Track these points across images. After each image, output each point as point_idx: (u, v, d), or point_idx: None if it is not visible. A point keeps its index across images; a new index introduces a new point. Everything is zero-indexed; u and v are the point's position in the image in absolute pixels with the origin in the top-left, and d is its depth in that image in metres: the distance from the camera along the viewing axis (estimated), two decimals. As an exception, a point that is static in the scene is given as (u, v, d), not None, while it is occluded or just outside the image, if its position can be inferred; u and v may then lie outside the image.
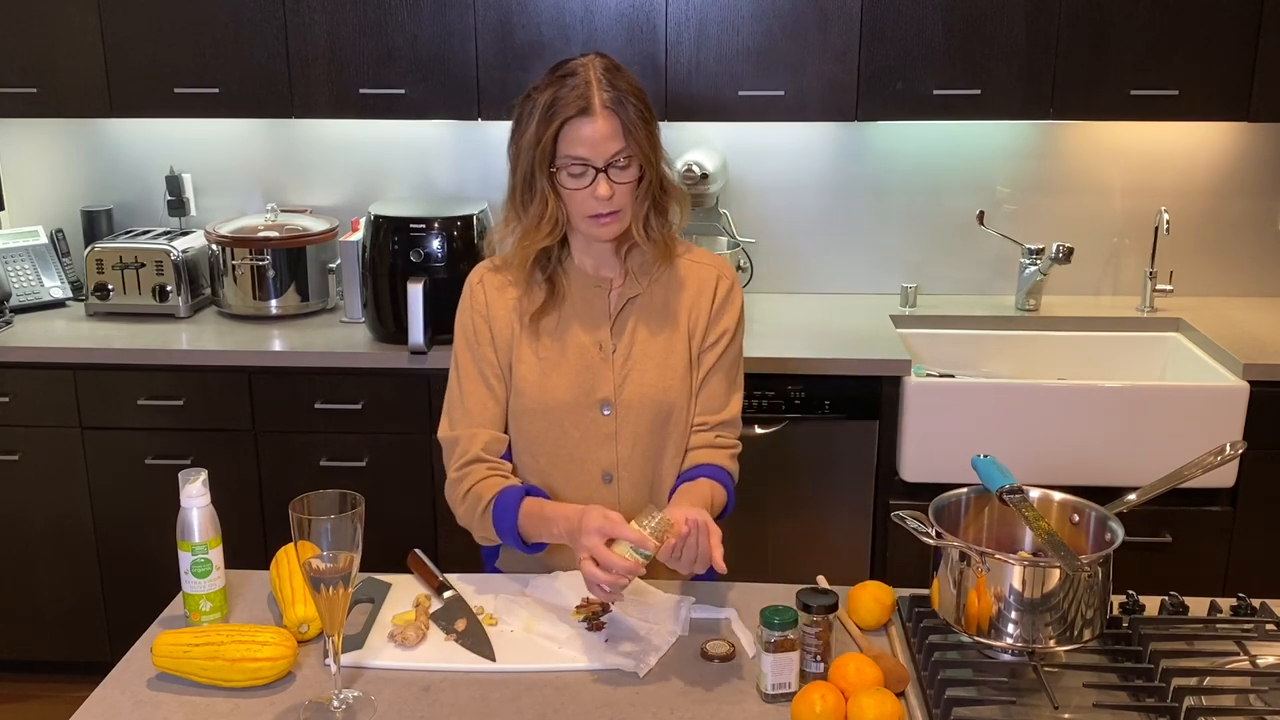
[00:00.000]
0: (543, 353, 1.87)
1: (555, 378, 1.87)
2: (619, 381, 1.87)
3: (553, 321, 1.88)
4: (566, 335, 1.88)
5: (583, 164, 1.74)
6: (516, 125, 1.80)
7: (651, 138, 1.79)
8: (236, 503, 3.02)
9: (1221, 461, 1.74)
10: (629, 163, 1.76)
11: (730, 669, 1.63)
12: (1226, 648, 1.65)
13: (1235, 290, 3.40)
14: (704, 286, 1.92)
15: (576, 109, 1.72)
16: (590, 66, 1.76)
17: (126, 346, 3.00)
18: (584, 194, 1.76)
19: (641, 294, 1.89)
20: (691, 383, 1.91)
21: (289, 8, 3.02)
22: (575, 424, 1.88)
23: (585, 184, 1.75)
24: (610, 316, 1.88)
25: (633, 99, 1.75)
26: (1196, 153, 3.31)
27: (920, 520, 1.63)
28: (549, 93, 1.74)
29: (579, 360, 1.87)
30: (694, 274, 1.92)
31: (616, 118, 1.74)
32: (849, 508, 3.00)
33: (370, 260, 2.99)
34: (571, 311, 1.88)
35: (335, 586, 1.49)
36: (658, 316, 1.89)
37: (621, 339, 1.88)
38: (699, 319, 1.90)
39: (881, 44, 2.97)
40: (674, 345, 1.89)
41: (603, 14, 2.97)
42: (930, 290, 3.43)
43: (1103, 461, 2.83)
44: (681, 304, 1.90)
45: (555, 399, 1.86)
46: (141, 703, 1.57)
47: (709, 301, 1.91)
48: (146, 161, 3.48)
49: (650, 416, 1.88)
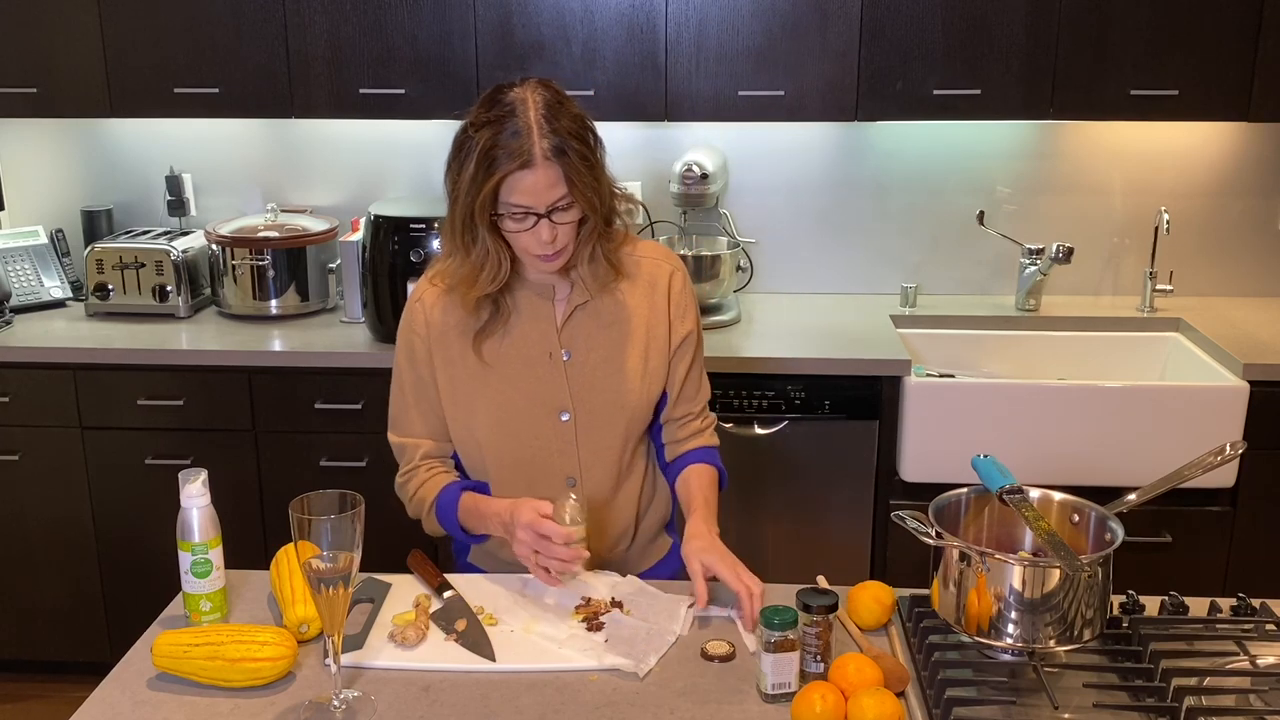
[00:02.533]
0: (493, 366, 1.87)
1: (508, 390, 1.87)
2: (575, 388, 1.87)
3: (499, 337, 1.87)
4: (515, 347, 1.87)
5: (524, 210, 1.72)
6: (454, 158, 1.75)
7: (596, 179, 1.74)
8: (236, 503, 3.02)
9: (1221, 461, 1.74)
10: (570, 205, 1.73)
11: (730, 669, 1.63)
12: (1226, 648, 1.65)
13: (1235, 290, 3.40)
14: (656, 282, 1.91)
15: (517, 163, 1.67)
16: (530, 104, 1.69)
17: (126, 346, 3.00)
18: (527, 236, 1.74)
19: (590, 299, 1.88)
20: (651, 382, 1.91)
21: (289, 8, 3.02)
22: (534, 433, 1.88)
23: (527, 228, 1.73)
24: (558, 325, 1.87)
25: (574, 142, 1.70)
26: (1196, 153, 3.31)
27: (920, 520, 1.63)
28: (487, 134, 1.68)
29: (529, 371, 1.87)
30: (645, 270, 1.91)
31: (557, 166, 1.69)
32: (849, 508, 3.00)
33: (370, 260, 2.99)
34: (518, 323, 1.87)
35: (335, 586, 1.49)
36: (610, 319, 1.89)
37: (575, 345, 1.88)
38: (657, 318, 1.90)
39: (881, 44, 2.97)
40: (630, 345, 1.89)
41: (603, 14, 2.97)
42: (930, 290, 3.43)
43: (1103, 461, 2.83)
44: (635, 303, 1.89)
45: (510, 411, 1.87)
46: (141, 703, 1.57)
47: (665, 299, 1.91)
48: (146, 161, 3.48)
49: (610, 419, 1.89)
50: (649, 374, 1.90)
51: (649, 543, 2.03)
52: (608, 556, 1.96)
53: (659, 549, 2.06)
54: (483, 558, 2.01)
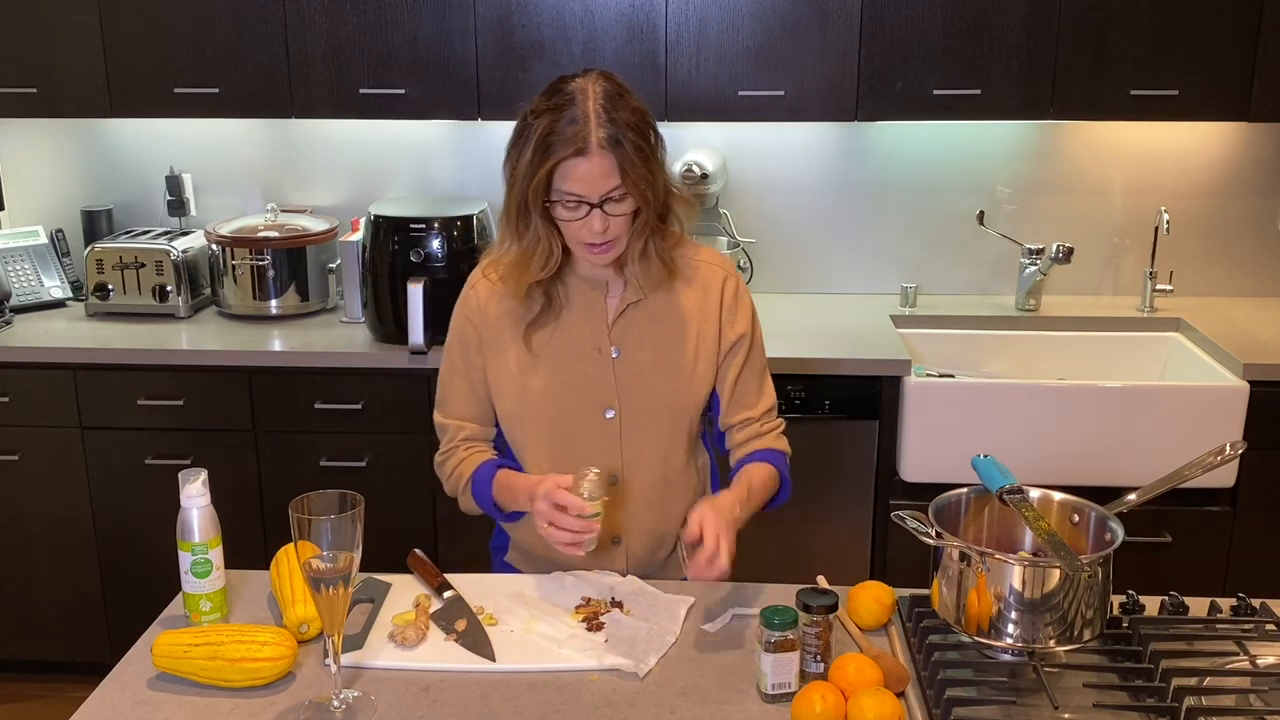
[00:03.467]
0: (541, 360, 1.87)
1: (555, 384, 1.87)
2: (622, 386, 1.87)
3: (550, 329, 1.88)
4: (565, 341, 1.87)
5: (577, 199, 1.73)
6: (514, 145, 1.76)
7: (650, 171, 1.75)
8: (236, 503, 3.02)
9: (1221, 461, 1.74)
10: (623, 196, 1.74)
11: (730, 669, 1.63)
12: (1226, 648, 1.65)
13: (1235, 290, 3.40)
14: (710, 288, 1.91)
15: (572, 149, 1.69)
16: (589, 94, 1.71)
17: (126, 346, 3.00)
18: (578, 225, 1.75)
19: (644, 298, 1.88)
20: (699, 384, 1.90)
21: (289, 8, 3.02)
22: (579, 429, 1.88)
23: (580, 216, 1.74)
24: (609, 321, 1.88)
25: (631, 134, 1.71)
26: (1196, 153, 3.31)
27: (920, 520, 1.63)
28: (546, 121, 1.70)
29: (578, 365, 1.87)
30: (701, 274, 1.91)
31: (612, 156, 1.70)
32: (849, 508, 3.00)
33: (370, 260, 2.99)
34: (570, 317, 1.88)
35: (335, 586, 1.49)
36: (662, 319, 1.89)
37: (625, 343, 1.88)
38: (709, 322, 1.90)
39: (881, 44, 2.97)
40: (680, 347, 1.89)
41: (603, 14, 2.97)
42: (930, 290, 3.43)
43: (1103, 461, 2.83)
44: (688, 305, 1.89)
45: (556, 404, 1.87)
46: (141, 703, 1.57)
47: (717, 304, 1.90)
48: (146, 161, 3.48)
49: (656, 419, 1.88)
50: (697, 376, 1.89)
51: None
52: (649, 560, 1.95)
53: None
54: (520, 559, 2.00)
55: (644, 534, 1.93)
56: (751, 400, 1.94)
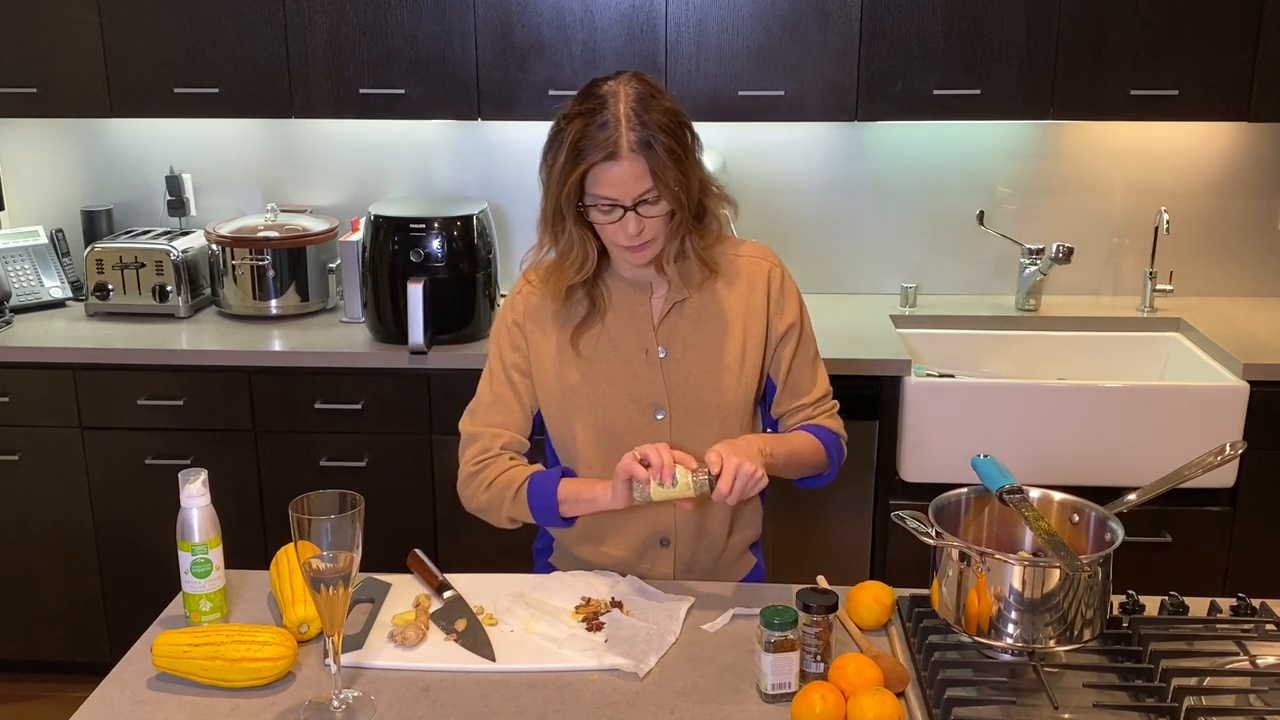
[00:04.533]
0: (589, 363, 1.87)
1: (604, 387, 1.86)
2: (671, 386, 1.86)
3: (596, 332, 1.87)
4: (612, 344, 1.87)
5: (610, 203, 1.73)
6: (548, 149, 1.77)
7: (683, 173, 1.74)
8: (236, 503, 3.02)
9: (1221, 461, 1.74)
10: (657, 199, 1.74)
11: (730, 669, 1.63)
12: (1226, 648, 1.65)
13: (1235, 290, 3.40)
14: (755, 283, 1.90)
15: (603, 154, 1.69)
16: (621, 97, 1.71)
17: (126, 346, 3.00)
18: (614, 228, 1.76)
19: (689, 297, 1.87)
20: (748, 381, 1.89)
21: (289, 8, 3.02)
22: (628, 430, 1.86)
23: (615, 219, 1.74)
24: (655, 322, 1.87)
25: (663, 136, 1.70)
26: (1196, 153, 3.31)
27: (920, 520, 1.63)
28: (578, 125, 1.70)
29: (625, 368, 1.87)
30: (744, 269, 1.90)
31: (643, 160, 1.70)
32: (849, 508, 3.00)
33: (370, 260, 2.99)
34: (615, 319, 1.87)
35: (335, 586, 1.49)
36: (709, 317, 1.88)
37: (671, 343, 1.87)
38: (755, 317, 1.89)
39: (881, 44, 2.97)
40: (728, 345, 1.88)
41: (603, 14, 2.97)
42: (930, 290, 3.43)
43: (1103, 461, 2.83)
44: (734, 302, 1.89)
45: (605, 407, 1.86)
46: (141, 703, 1.57)
47: (764, 299, 1.89)
48: (146, 161, 3.48)
49: (705, 418, 1.87)
50: (745, 373, 1.89)
51: (735, 560, 2.00)
52: (691, 562, 1.94)
53: (743, 567, 2.02)
54: (564, 560, 1.99)
55: (693, 536, 1.92)
56: (805, 388, 1.93)
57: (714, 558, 1.96)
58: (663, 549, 1.92)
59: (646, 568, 1.92)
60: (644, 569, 1.91)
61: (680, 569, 1.93)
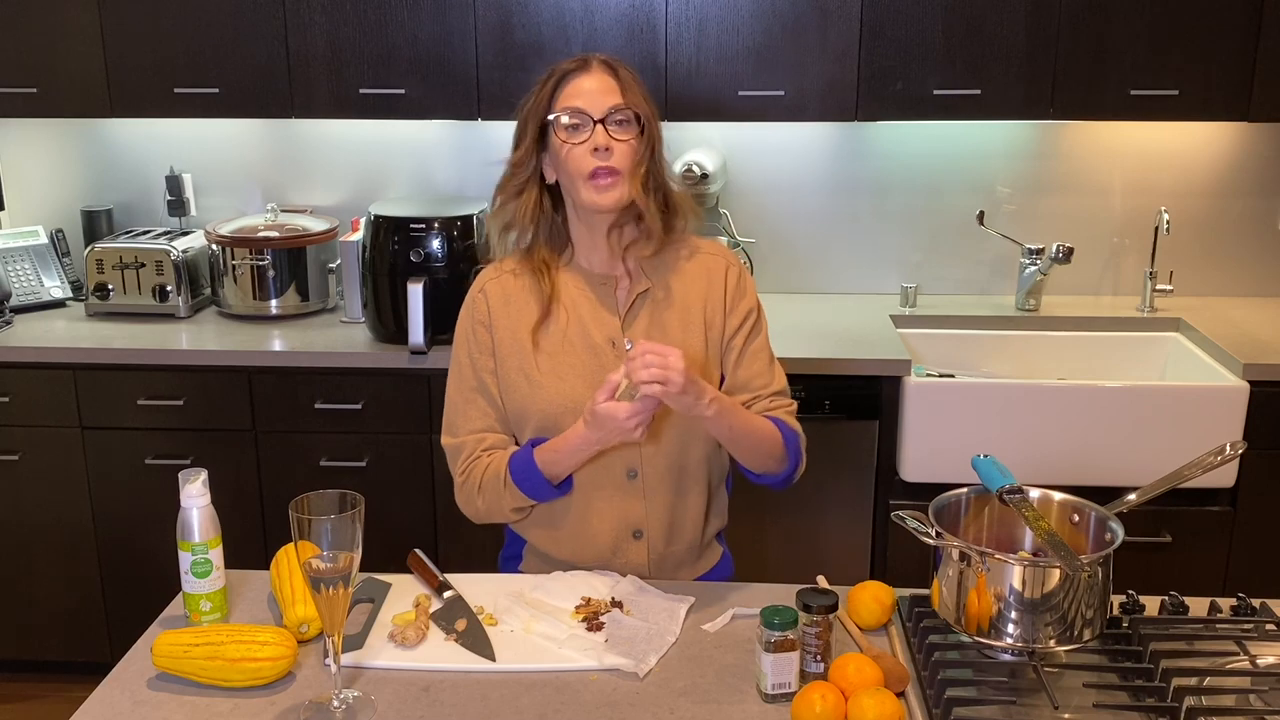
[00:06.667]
0: (555, 357, 1.87)
1: (571, 380, 1.87)
2: None
3: (561, 326, 1.88)
4: (578, 337, 1.88)
5: (580, 114, 1.78)
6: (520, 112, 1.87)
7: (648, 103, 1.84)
8: (236, 503, 3.02)
9: (1221, 461, 1.74)
10: (625, 121, 1.79)
11: (730, 669, 1.63)
12: (1226, 648, 1.65)
13: (1235, 290, 3.40)
14: (714, 277, 1.93)
15: (574, 65, 1.82)
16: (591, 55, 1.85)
17: (126, 346, 3.00)
18: (582, 150, 1.78)
19: (652, 288, 1.89)
20: (711, 371, 1.90)
21: (289, 8, 3.02)
22: None
23: (583, 137, 1.77)
24: (620, 313, 1.89)
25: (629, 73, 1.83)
26: (1196, 153, 3.31)
27: (920, 520, 1.63)
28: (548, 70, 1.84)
29: (593, 360, 1.87)
30: (703, 265, 1.93)
31: (614, 75, 1.81)
32: (849, 508, 3.00)
33: (370, 260, 2.99)
34: (580, 312, 1.89)
35: (335, 586, 1.49)
36: (673, 309, 1.90)
37: (637, 335, 1.88)
38: (715, 309, 1.91)
39: (881, 44, 2.97)
40: (692, 337, 1.90)
41: (603, 14, 2.98)
42: (930, 290, 3.43)
43: (1103, 461, 2.83)
44: (695, 295, 1.91)
45: (572, 400, 1.86)
46: (141, 703, 1.57)
47: (721, 291, 1.92)
48: (146, 161, 3.48)
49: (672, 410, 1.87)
50: (709, 362, 1.91)
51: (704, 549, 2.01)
52: (665, 553, 1.94)
53: (711, 556, 2.03)
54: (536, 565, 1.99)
55: (664, 526, 1.93)
56: (758, 384, 1.93)
57: (685, 548, 1.97)
58: (636, 540, 1.92)
59: (621, 562, 1.92)
60: (619, 563, 1.91)
61: (654, 559, 1.93)
